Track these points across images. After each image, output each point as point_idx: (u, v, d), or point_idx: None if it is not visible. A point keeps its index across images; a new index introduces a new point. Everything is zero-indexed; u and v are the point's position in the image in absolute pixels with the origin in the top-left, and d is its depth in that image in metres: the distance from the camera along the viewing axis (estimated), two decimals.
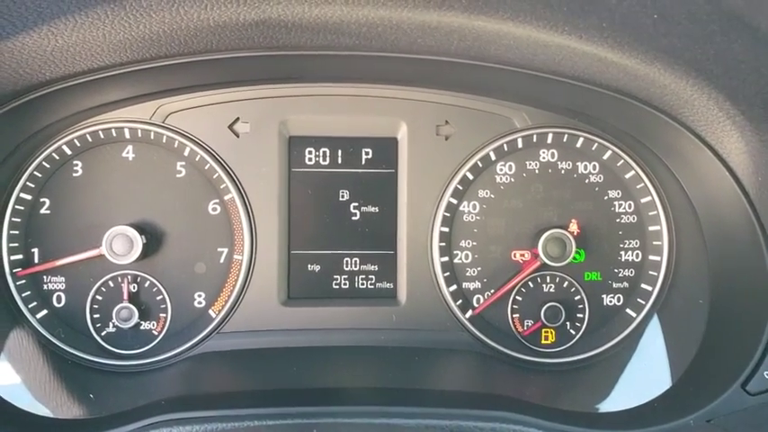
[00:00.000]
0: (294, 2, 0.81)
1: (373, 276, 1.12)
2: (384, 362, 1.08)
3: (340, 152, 1.11)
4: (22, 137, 1.01)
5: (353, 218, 1.12)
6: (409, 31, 0.87)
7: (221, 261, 1.10)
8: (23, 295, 1.07)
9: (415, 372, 1.05)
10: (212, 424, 0.81)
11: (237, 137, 1.09)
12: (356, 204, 1.12)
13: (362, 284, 1.12)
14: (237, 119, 1.09)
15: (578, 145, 1.11)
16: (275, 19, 0.83)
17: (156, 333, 1.10)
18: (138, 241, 1.04)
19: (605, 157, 1.12)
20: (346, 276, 1.12)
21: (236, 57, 0.95)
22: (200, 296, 1.10)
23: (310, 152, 1.11)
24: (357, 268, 1.12)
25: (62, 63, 0.86)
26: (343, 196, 1.12)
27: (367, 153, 1.11)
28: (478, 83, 1.07)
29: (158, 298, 1.09)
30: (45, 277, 1.08)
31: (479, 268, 1.11)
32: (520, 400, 0.91)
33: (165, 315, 1.10)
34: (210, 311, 1.10)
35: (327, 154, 1.11)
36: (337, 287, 1.12)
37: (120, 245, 1.04)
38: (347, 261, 1.12)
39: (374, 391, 0.95)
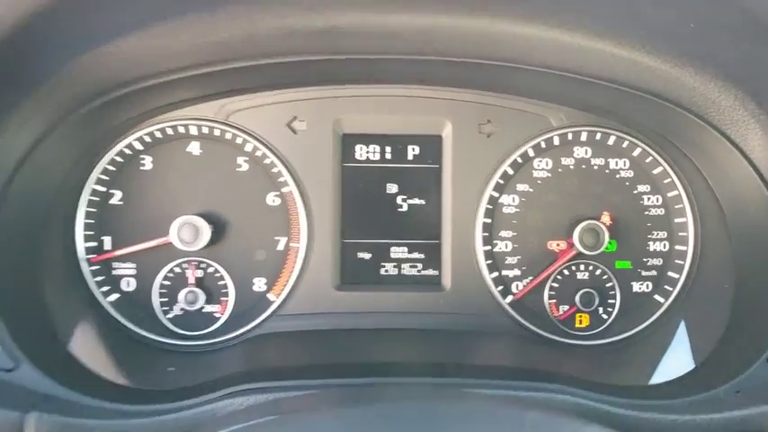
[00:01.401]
0: (359, 11, 0.90)
1: (420, 264, 1.21)
2: (430, 343, 1.16)
3: (389, 149, 1.20)
4: (98, 134, 1.10)
5: (400, 209, 1.20)
6: (464, 38, 0.96)
7: (280, 249, 1.18)
8: (96, 280, 1.15)
9: (461, 351, 1.13)
10: (284, 393, 0.89)
11: (295, 134, 1.17)
12: (403, 197, 1.20)
13: (409, 271, 1.21)
14: (295, 117, 1.17)
15: (610, 142, 1.19)
16: (341, 27, 0.92)
17: (218, 316, 1.18)
18: (206, 230, 1.13)
19: (635, 154, 1.20)
20: (394, 264, 1.21)
21: (297, 60, 1.03)
22: (259, 281, 1.18)
23: (361, 148, 1.19)
24: (404, 256, 1.21)
25: (146, 66, 0.94)
26: (391, 189, 1.20)
27: (414, 149, 1.20)
28: (518, 84, 1.15)
29: (221, 283, 1.18)
30: (116, 263, 1.16)
31: (519, 257, 1.20)
32: (563, 374, 0.99)
33: (227, 299, 1.18)
34: (269, 295, 1.18)
35: (377, 150, 1.20)
36: (385, 274, 1.21)
37: (188, 233, 1.12)
38: (395, 249, 1.21)
39: (428, 365, 1.04)
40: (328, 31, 0.93)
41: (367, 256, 1.20)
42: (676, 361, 1.12)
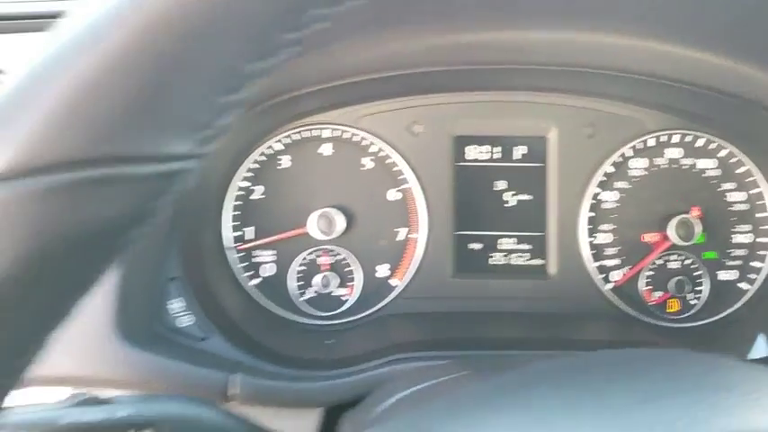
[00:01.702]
0: (508, 28, 1.03)
1: (526, 254, 1.34)
2: (536, 325, 1.29)
3: (498, 149, 1.33)
4: (251, 136, 1.24)
5: (508, 204, 1.33)
6: (588, 51, 1.09)
7: (400, 239, 1.32)
8: (240, 266, 1.30)
9: (566, 333, 1.26)
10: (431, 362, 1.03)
11: (414, 136, 1.30)
12: (511, 193, 1.33)
13: (517, 261, 1.34)
14: (414, 121, 1.30)
15: (699, 144, 1.31)
16: (482, 41, 1.05)
17: (346, 298, 1.32)
18: (341, 220, 1.27)
19: (722, 155, 1.31)
20: (503, 254, 1.34)
21: (422, 71, 1.17)
22: (382, 267, 1.32)
23: (473, 149, 1.32)
24: (512, 247, 1.34)
25: (311, 78, 1.09)
26: (499, 186, 1.33)
27: (521, 150, 1.33)
28: (619, 91, 1.27)
29: (348, 269, 1.32)
30: (257, 252, 1.31)
31: (618, 248, 1.32)
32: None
33: (353, 283, 1.32)
34: (392, 281, 1.32)
35: (487, 151, 1.33)
36: (494, 263, 1.34)
37: (325, 223, 1.27)
38: (503, 241, 1.34)
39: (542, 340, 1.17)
40: (469, 47, 1.06)
41: (478, 246, 1.33)
42: (763, 341, 1.24)
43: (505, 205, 1.33)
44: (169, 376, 0.92)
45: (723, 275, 1.33)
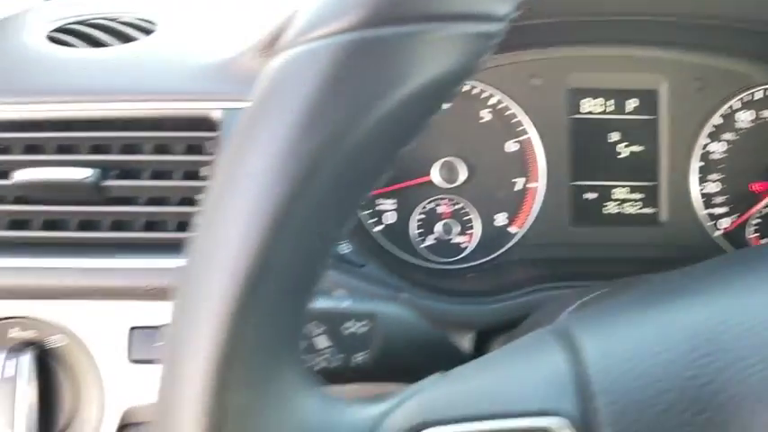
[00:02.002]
0: None
1: (639, 203, 1.38)
2: (651, 271, 1.33)
3: (611, 102, 1.38)
4: None
5: (621, 155, 1.38)
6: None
7: (519, 188, 1.36)
8: (365, 213, 1.34)
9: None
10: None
11: (532, 89, 1.35)
12: (624, 144, 1.38)
13: (629, 210, 1.38)
14: (532, 75, 1.35)
15: None
16: None
17: (465, 246, 1.36)
18: (463, 169, 1.31)
19: None
20: (616, 203, 1.38)
21: (538, 23, 1.22)
22: (501, 216, 1.36)
23: (587, 102, 1.37)
24: (625, 197, 1.38)
25: None
26: (612, 138, 1.38)
27: (633, 102, 1.38)
28: (726, 44, 1.33)
29: (467, 218, 1.36)
30: (379, 200, 1.35)
31: (726, 196, 1.37)
32: None
33: (472, 231, 1.36)
34: (511, 228, 1.36)
35: (601, 103, 1.38)
36: (608, 212, 1.38)
37: (446, 172, 1.31)
38: (616, 191, 1.38)
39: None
40: None
41: (593, 196, 1.38)
42: None
43: (618, 156, 1.38)
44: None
45: None
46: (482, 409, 0.53)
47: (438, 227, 1.34)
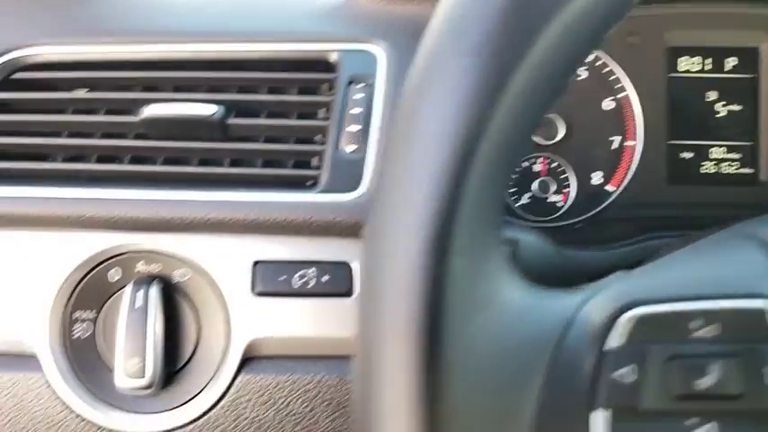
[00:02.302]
0: None
1: (737, 163, 1.36)
2: None
3: (709, 60, 1.36)
4: None
5: (718, 115, 1.36)
6: None
7: (615, 147, 1.34)
8: None
9: None
10: None
11: (630, 47, 1.34)
12: (722, 103, 1.36)
13: (726, 169, 1.36)
14: (630, 32, 1.34)
15: None
16: None
17: (560, 205, 1.35)
18: (562, 126, 1.30)
19: None
20: (713, 163, 1.36)
21: None
22: (597, 175, 1.35)
23: (685, 60, 1.36)
24: (722, 156, 1.36)
25: None
26: (710, 97, 1.36)
27: (732, 60, 1.36)
28: None
29: (563, 176, 1.34)
30: None
31: None
32: None
33: (568, 190, 1.35)
34: (607, 188, 1.34)
35: (699, 62, 1.36)
36: (705, 172, 1.36)
37: (547, 130, 1.30)
38: (713, 150, 1.36)
39: None
40: None
41: (690, 155, 1.36)
42: None
43: (716, 116, 1.36)
44: None
45: None
46: (691, 290, 0.54)
47: (534, 185, 1.33)
